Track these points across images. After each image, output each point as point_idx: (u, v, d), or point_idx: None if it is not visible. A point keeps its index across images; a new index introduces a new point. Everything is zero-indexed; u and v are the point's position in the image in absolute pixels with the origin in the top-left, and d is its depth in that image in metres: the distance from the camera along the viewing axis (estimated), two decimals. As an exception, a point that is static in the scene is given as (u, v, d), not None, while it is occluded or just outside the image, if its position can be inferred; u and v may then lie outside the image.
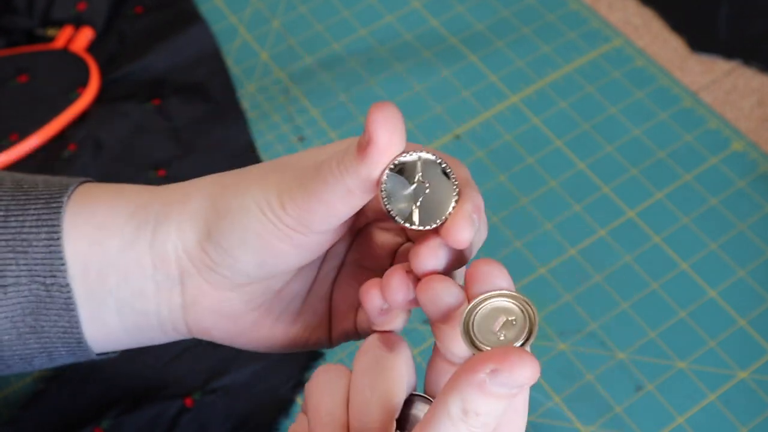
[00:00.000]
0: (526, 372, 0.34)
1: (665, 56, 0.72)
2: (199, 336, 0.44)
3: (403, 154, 0.38)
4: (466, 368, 0.35)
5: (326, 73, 0.72)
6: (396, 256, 0.44)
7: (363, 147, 0.37)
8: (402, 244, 0.44)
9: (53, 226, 0.42)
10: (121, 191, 0.44)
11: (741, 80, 0.70)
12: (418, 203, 0.38)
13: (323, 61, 0.73)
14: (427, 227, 0.38)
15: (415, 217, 0.38)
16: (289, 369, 0.58)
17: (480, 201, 0.39)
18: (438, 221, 0.38)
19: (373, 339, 0.41)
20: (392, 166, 0.38)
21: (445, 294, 0.38)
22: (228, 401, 0.56)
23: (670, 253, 0.62)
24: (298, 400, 0.57)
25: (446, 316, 0.38)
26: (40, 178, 0.44)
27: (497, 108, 0.70)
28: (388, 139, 0.37)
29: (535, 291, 0.61)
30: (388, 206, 0.38)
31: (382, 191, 0.38)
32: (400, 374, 0.39)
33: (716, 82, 0.71)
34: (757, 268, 0.61)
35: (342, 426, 0.39)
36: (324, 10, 0.76)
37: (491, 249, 0.62)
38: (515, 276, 0.61)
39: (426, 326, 0.58)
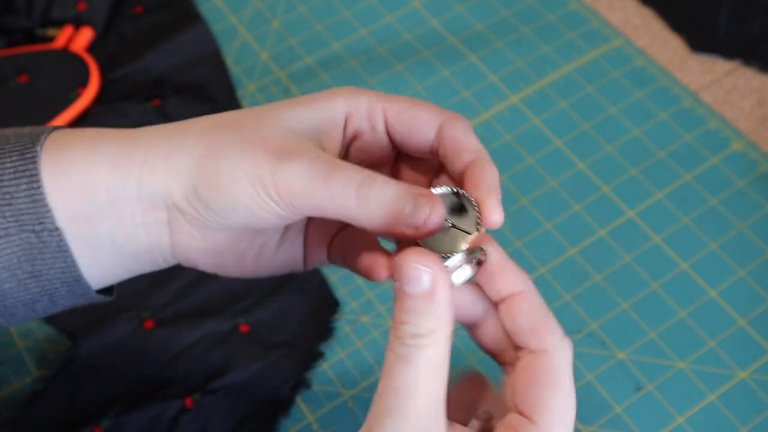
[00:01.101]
0: (413, 258, 0.36)
1: (665, 56, 0.72)
2: (187, 266, 0.46)
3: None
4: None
5: (326, 73, 0.72)
6: None
7: (402, 222, 0.39)
8: None
9: (32, 176, 0.42)
10: (92, 142, 0.44)
11: (741, 80, 0.71)
12: (452, 229, 0.40)
13: (323, 61, 0.73)
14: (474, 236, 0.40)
15: (465, 242, 0.40)
16: (289, 369, 0.58)
17: (496, 174, 0.41)
18: (477, 228, 0.40)
19: None
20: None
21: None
22: (228, 401, 0.56)
23: (670, 253, 0.62)
24: (298, 400, 0.57)
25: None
26: (10, 132, 0.45)
27: (497, 108, 0.70)
28: (430, 233, 0.39)
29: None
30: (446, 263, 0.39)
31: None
32: None
33: (716, 82, 0.71)
34: (757, 268, 0.61)
35: None
36: (324, 10, 0.76)
37: (491, 249, 0.62)
38: (515, 276, 0.61)
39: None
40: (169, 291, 0.61)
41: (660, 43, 0.73)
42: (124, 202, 0.42)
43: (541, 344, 0.38)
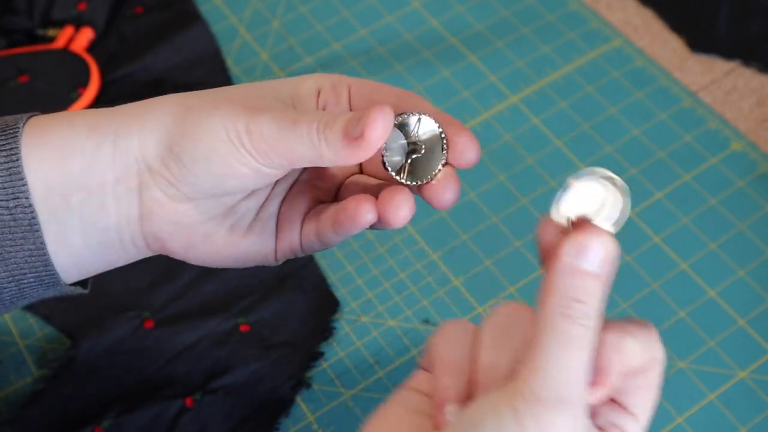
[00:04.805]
0: (601, 241, 0.36)
1: (665, 56, 0.72)
2: (156, 251, 0.46)
3: (405, 113, 0.43)
4: (553, 268, 0.37)
5: (326, 73, 0.72)
6: (345, 184, 0.47)
7: (352, 138, 0.40)
8: (355, 173, 0.47)
9: (11, 149, 0.43)
10: (72, 116, 0.45)
11: (741, 80, 0.71)
12: (410, 159, 0.43)
13: (323, 61, 0.73)
14: (414, 183, 0.43)
15: (405, 172, 0.43)
16: (289, 369, 0.58)
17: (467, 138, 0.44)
18: (425, 179, 0.43)
19: (508, 306, 0.41)
20: (395, 122, 0.42)
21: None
22: (228, 401, 0.57)
23: (670, 253, 0.62)
24: (298, 400, 0.57)
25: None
26: None
27: (497, 108, 0.70)
28: (378, 139, 0.41)
29: (535, 291, 0.60)
30: (384, 158, 0.43)
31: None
32: (526, 342, 0.39)
33: (716, 82, 0.71)
34: (757, 268, 0.61)
35: (467, 379, 0.39)
36: (324, 10, 0.76)
37: (491, 249, 0.62)
38: (515, 276, 0.61)
39: (425, 326, 0.58)
40: (169, 290, 0.61)
41: (660, 43, 0.73)
42: (98, 168, 0.43)
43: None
